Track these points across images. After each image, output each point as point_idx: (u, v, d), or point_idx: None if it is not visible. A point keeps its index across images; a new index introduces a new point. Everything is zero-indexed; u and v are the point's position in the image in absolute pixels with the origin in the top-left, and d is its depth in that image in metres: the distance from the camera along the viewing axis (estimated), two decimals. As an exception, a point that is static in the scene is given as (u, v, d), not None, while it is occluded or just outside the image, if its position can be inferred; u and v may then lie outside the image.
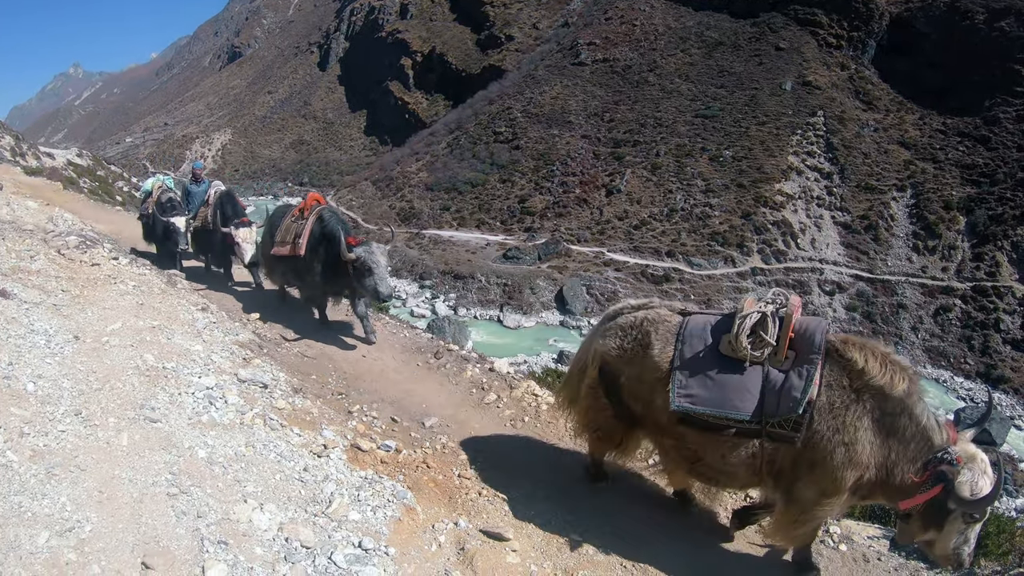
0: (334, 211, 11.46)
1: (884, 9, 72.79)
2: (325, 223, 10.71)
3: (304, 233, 10.70)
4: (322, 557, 4.23)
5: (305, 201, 11.49)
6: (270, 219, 12.23)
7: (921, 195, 56.60)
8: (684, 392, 5.23)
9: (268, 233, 11.96)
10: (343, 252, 9.86)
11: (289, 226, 11.16)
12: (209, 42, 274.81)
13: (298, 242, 10.72)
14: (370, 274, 9.88)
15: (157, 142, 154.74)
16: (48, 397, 4.89)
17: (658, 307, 5.95)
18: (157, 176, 16.65)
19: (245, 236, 13.09)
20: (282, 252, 11.09)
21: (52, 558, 3.42)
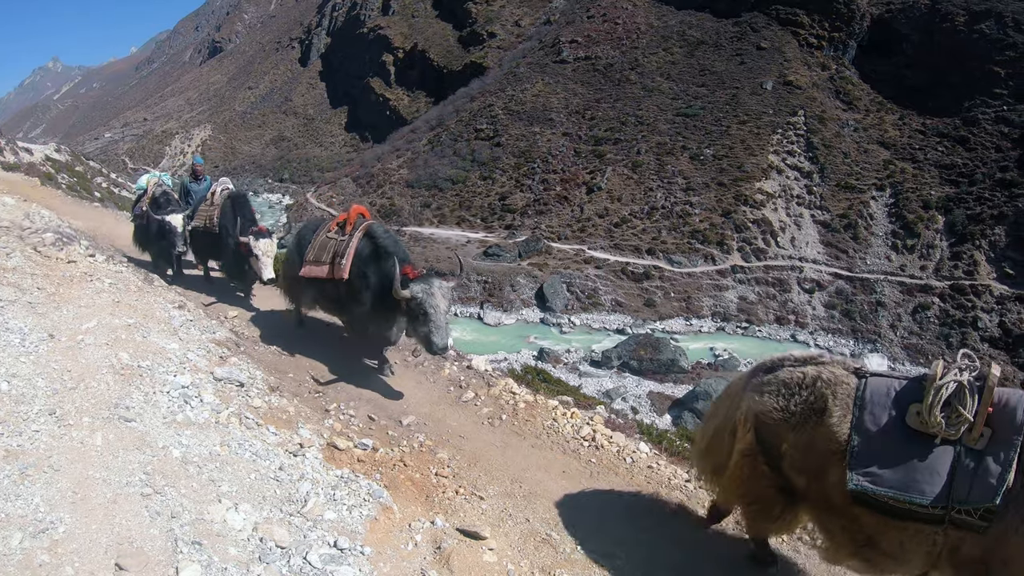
0: (387, 229, 9.75)
1: (865, 10, 73.12)
2: (378, 242, 9.09)
3: (348, 252, 9.05)
4: (297, 557, 4.22)
5: (347, 214, 9.79)
6: (298, 234, 10.69)
7: (900, 194, 56.95)
8: (864, 470, 4.58)
9: (295, 249, 10.33)
10: (396, 287, 8.06)
11: (325, 242, 9.56)
12: (190, 36, 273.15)
13: (339, 263, 9.09)
14: (425, 320, 8.10)
15: (136, 137, 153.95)
16: (22, 396, 4.87)
17: (829, 363, 5.16)
18: (153, 172, 15.50)
19: (266, 249, 11.51)
20: (316, 274, 9.46)
21: (26, 560, 3.41)
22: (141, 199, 14.46)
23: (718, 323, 52.74)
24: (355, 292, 9.06)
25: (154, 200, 13.68)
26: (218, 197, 13.16)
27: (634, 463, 7.48)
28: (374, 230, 9.40)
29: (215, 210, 12.93)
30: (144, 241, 14.39)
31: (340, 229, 9.66)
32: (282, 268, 11.41)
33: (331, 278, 9.32)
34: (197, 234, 13.38)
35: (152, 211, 13.45)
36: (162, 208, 13.37)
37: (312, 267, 9.59)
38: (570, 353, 47.80)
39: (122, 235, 17.16)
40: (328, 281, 9.41)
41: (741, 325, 52.40)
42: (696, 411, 37.80)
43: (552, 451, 7.58)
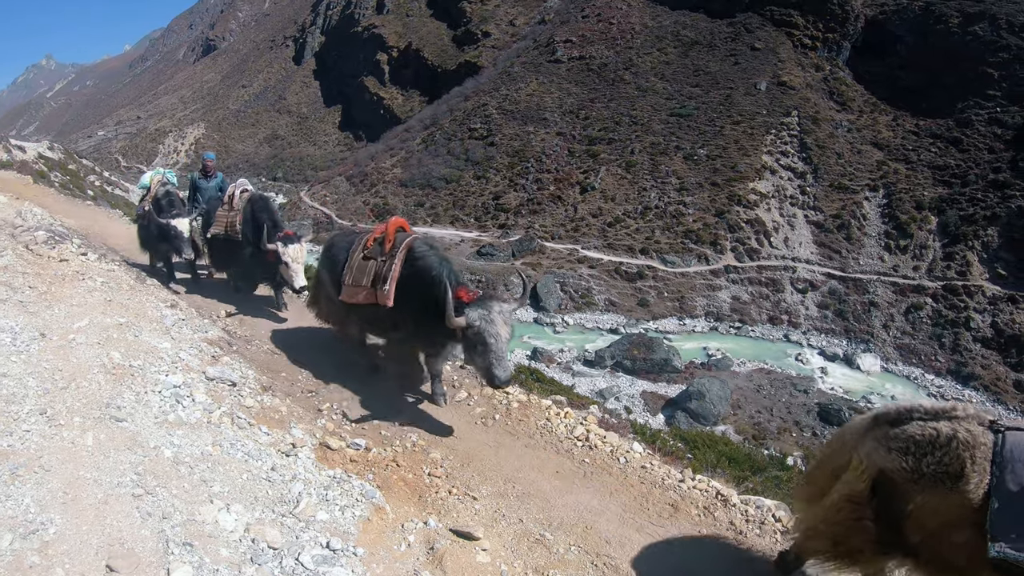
0: (432, 245, 8.43)
1: (859, 11, 73.23)
2: (424, 263, 7.95)
3: (391, 276, 7.94)
4: (289, 558, 4.21)
5: (385, 227, 8.69)
6: (329, 250, 9.46)
7: (893, 195, 57.00)
8: (1008, 536, 4.10)
9: (326, 268, 9.31)
10: (449, 315, 6.93)
11: (361, 263, 8.49)
12: (183, 34, 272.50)
13: (382, 289, 8.01)
14: (484, 350, 7.00)
15: (130, 136, 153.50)
16: (13, 396, 4.84)
17: (964, 418, 4.55)
18: (157, 169, 14.56)
19: (296, 255, 10.79)
20: (358, 299, 8.41)
21: (16, 561, 3.39)
22: (145, 198, 13.61)
23: (711, 323, 52.75)
24: (402, 320, 8.08)
25: (156, 201, 12.92)
26: (238, 201, 12.05)
27: (628, 463, 7.47)
28: (418, 249, 8.17)
29: (236, 215, 11.85)
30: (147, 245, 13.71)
31: (379, 247, 8.52)
32: (312, 289, 10.46)
33: (373, 303, 8.24)
34: (217, 242, 12.35)
35: (154, 213, 12.52)
36: (165, 210, 12.56)
37: (353, 291, 8.52)
38: (563, 353, 47.76)
39: (115, 233, 17.13)
40: (371, 306, 8.33)
41: (734, 325, 52.41)
42: (689, 411, 37.90)
43: (545, 451, 7.57)
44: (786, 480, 8.32)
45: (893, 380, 45.66)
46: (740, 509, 6.63)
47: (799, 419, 39.15)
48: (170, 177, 13.93)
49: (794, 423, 38.85)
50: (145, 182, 13.94)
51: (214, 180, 14.32)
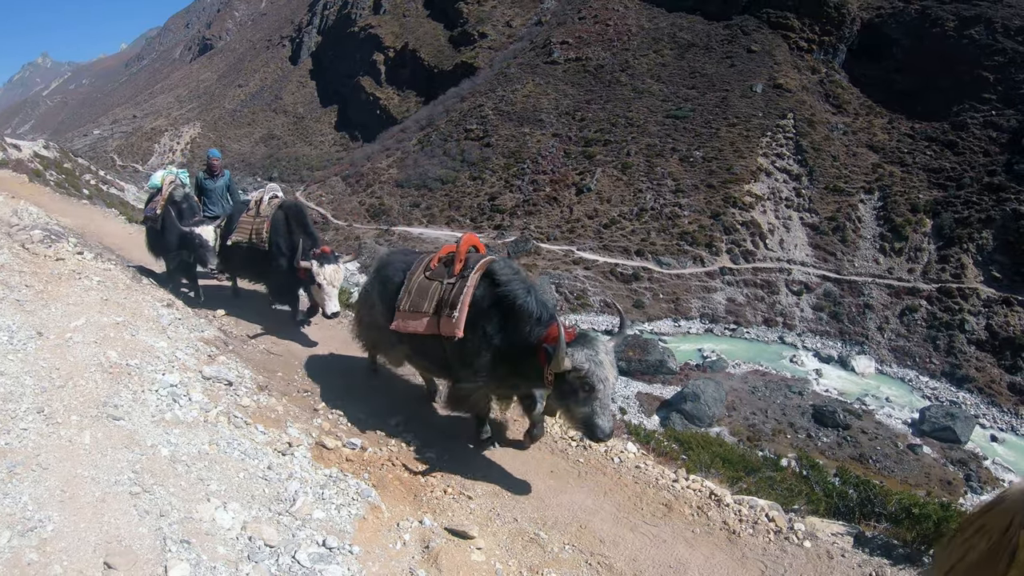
0: (515, 268, 7.00)
1: (855, 14, 73.41)
2: (507, 291, 6.49)
3: (462, 302, 6.60)
4: (286, 556, 4.23)
5: (456, 247, 7.32)
6: (380, 270, 8.08)
7: (888, 198, 57.13)
8: None
9: (378, 291, 7.87)
10: (560, 357, 5.65)
11: (425, 285, 7.13)
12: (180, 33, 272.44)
13: (450, 316, 6.64)
14: (588, 397, 5.79)
15: (125, 134, 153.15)
16: (10, 395, 4.85)
17: None
18: (169, 168, 13.51)
19: (331, 277, 9.67)
20: (415, 328, 7.05)
21: (13, 558, 3.40)
22: (155, 199, 12.78)
23: (706, 324, 52.80)
24: (472, 356, 6.66)
25: (174, 204, 12.01)
26: (266, 207, 11.11)
27: (622, 463, 7.48)
28: (498, 271, 6.73)
29: (263, 223, 10.87)
30: (161, 250, 12.77)
31: (445, 267, 7.21)
32: (357, 311, 9.15)
33: (436, 334, 6.92)
34: (238, 250, 11.28)
35: (176, 219, 11.51)
36: (186, 216, 11.73)
37: (408, 319, 7.15)
38: (558, 353, 47.70)
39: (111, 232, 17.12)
40: (430, 338, 7.01)
41: (729, 327, 52.47)
42: (684, 412, 37.94)
43: (540, 451, 7.58)
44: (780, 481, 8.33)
45: (888, 382, 45.77)
46: (734, 509, 6.65)
47: (794, 421, 39.19)
48: (183, 177, 13.10)
49: (789, 425, 38.90)
50: (156, 182, 13.00)
51: (221, 179, 13.63)
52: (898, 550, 6.21)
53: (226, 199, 13.58)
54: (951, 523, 6.13)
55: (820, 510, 7.25)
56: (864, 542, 6.37)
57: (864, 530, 6.60)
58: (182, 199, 12.18)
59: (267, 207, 11.16)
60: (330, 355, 9.83)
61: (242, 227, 11.21)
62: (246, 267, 11.74)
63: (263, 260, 10.97)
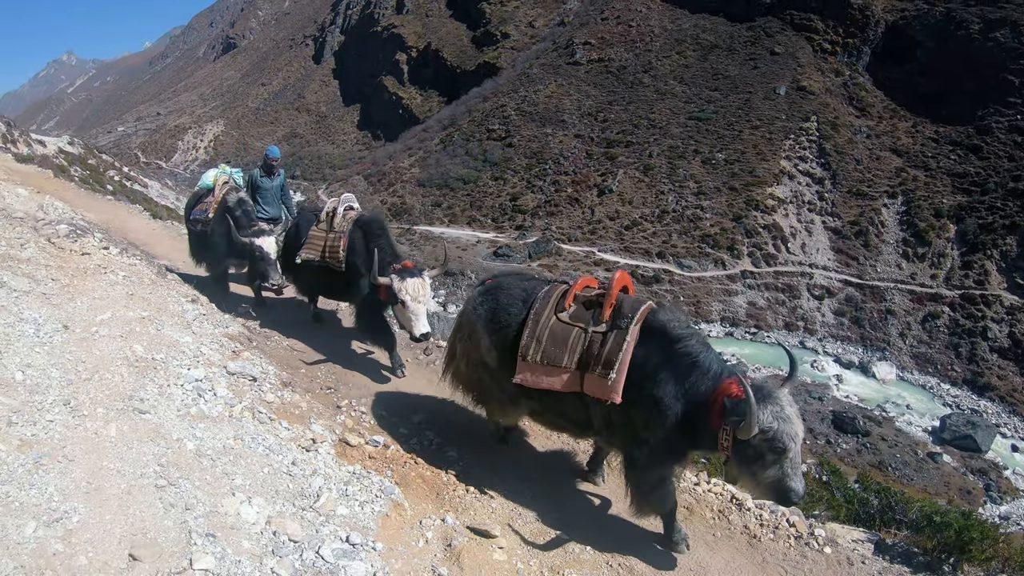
0: (685, 318, 5.93)
1: (880, 16, 72.87)
2: (681, 350, 5.48)
3: (621, 361, 5.48)
4: (309, 551, 4.25)
5: (605, 287, 6.14)
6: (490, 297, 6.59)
7: (912, 202, 56.71)
8: None
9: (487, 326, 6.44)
10: (751, 422, 4.83)
11: (563, 331, 5.88)
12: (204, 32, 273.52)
13: (603, 375, 5.51)
14: (777, 458, 5.03)
15: (149, 132, 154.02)
16: (37, 386, 4.87)
17: None
18: (221, 167, 12.38)
19: (416, 293, 8.42)
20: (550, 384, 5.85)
21: (39, 548, 3.41)
22: (203, 200, 11.81)
23: (727, 328, 52.57)
24: (633, 420, 5.66)
25: (229, 208, 10.93)
26: (340, 221, 9.96)
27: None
28: (668, 324, 5.66)
29: (339, 239, 9.79)
30: (208, 258, 11.92)
31: (586, 309, 6.03)
32: (457, 346, 7.26)
33: (576, 392, 5.80)
34: (310, 269, 10.25)
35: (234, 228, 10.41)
36: (244, 225, 10.61)
37: (539, 374, 5.91)
38: (578, 355, 47.70)
39: (135, 228, 17.20)
40: (571, 396, 5.88)
41: (750, 330, 52.24)
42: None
43: (561, 450, 7.60)
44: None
45: (908, 389, 45.46)
46: (755, 513, 6.65)
47: (813, 426, 38.96)
48: (236, 178, 12.20)
49: (808, 430, 38.64)
50: (207, 182, 11.94)
51: (277, 178, 12.72)
52: (918, 558, 6.20)
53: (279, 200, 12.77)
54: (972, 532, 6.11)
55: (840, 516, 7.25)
56: (884, 549, 6.37)
57: (885, 537, 6.60)
58: (238, 204, 11.09)
59: (342, 221, 9.99)
60: (353, 352, 9.84)
61: (313, 243, 10.09)
62: (320, 287, 10.82)
63: (340, 281, 10.00)
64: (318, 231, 10.10)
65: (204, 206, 11.67)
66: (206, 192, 11.88)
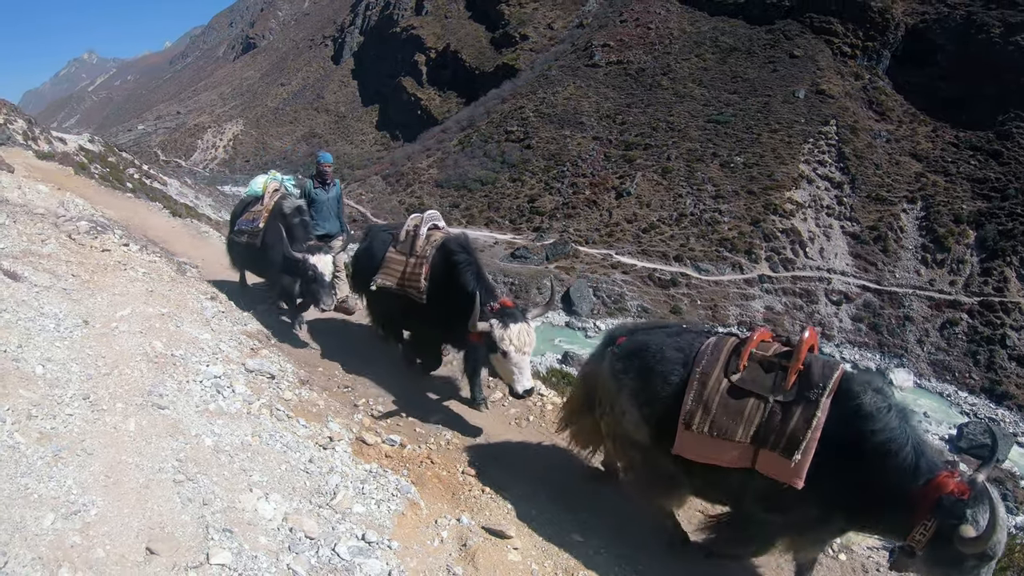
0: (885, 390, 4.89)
1: (900, 20, 72.43)
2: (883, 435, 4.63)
3: (808, 440, 4.65)
4: (326, 548, 4.26)
5: (792, 347, 5.13)
6: (638, 354, 5.68)
7: (931, 208, 56.36)
8: None
9: (633, 383, 5.59)
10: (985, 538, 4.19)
11: (730, 396, 5.02)
12: (224, 32, 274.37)
13: (787, 455, 4.70)
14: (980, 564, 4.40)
15: (169, 130, 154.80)
16: (56, 380, 4.91)
17: None
18: (272, 174, 11.29)
19: (522, 342, 6.80)
20: (715, 459, 5.05)
21: (57, 540, 3.44)
22: (251, 208, 10.82)
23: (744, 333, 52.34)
24: (807, 505, 4.85)
25: (283, 219, 9.86)
26: (423, 244, 8.51)
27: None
28: (864, 400, 4.74)
29: (420, 266, 8.32)
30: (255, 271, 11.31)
31: (765, 372, 5.10)
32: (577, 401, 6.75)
33: (746, 468, 4.99)
34: (386, 298, 8.84)
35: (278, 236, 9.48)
36: (298, 239, 9.59)
37: (707, 447, 5.07)
38: (594, 357, 47.59)
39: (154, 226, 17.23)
40: (740, 472, 5.05)
41: (767, 335, 51.98)
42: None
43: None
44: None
45: (926, 396, 45.18)
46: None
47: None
48: (288, 185, 11.01)
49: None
50: (256, 188, 10.90)
51: (332, 189, 11.29)
52: (936, 566, 6.14)
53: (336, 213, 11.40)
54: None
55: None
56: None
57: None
58: (293, 214, 9.97)
59: (424, 243, 8.50)
60: (370, 351, 9.83)
61: (389, 268, 8.69)
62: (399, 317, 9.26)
63: (420, 314, 8.50)
64: (396, 254, 8.71)
65: (252, 215, 10.61)
66: (254, 200, 10.84)
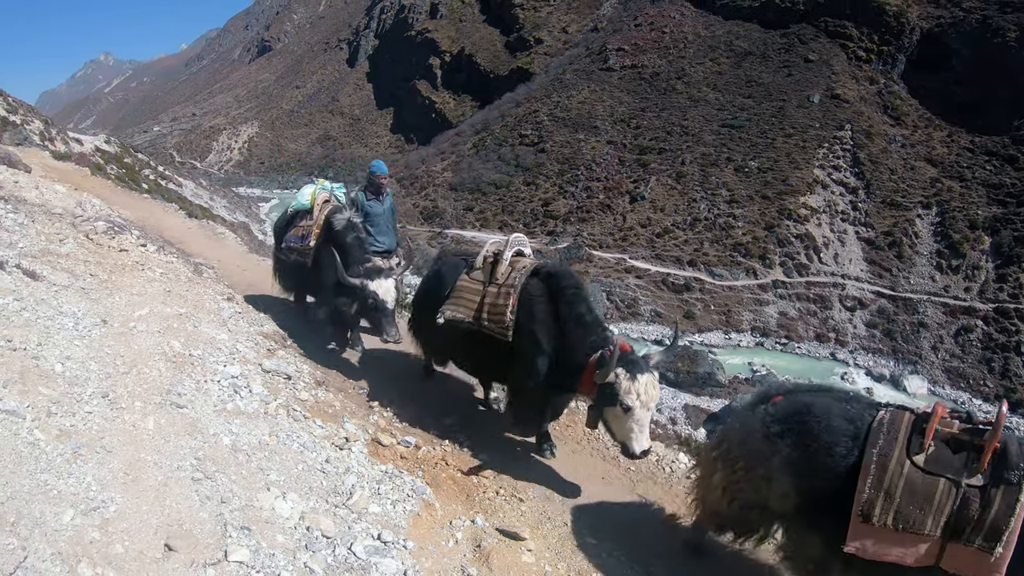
0: None
1: (915, 24, 72.16)
2: None
3: (1011, 530, 4.04)
4: (342, 547, 4.29)
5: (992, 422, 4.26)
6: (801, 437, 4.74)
7: (946, 213, 56.09)
8: None
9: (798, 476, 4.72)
10: None
11: (920, 483, 4.25)
12: (239, 35, 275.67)
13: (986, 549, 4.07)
14: None
15: (185, 132, 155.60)
16: (75, 378, 4.93)
17: None
18: (321, 183, 9.98)
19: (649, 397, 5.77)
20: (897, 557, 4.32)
21: (76, 536, 3.45)
22: (299, 222, 9.58)
23: (757, 338, 52.27)
24: None
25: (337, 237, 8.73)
26: (506, 271, 7.08)
27: (673, 472, 7.51)
28: None
29: (505, 296, 6.86)
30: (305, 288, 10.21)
31: (952, 451, 4.34)
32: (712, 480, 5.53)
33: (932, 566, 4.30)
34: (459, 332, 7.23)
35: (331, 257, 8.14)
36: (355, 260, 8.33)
37: (888, 541, 4.33)
38: (608, 362, 47.52)
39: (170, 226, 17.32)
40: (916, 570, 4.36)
41: (780, 341, 51.88)
42: (732, 425, 37.53)
43: (592, 457, 7.62)
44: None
45: (940, 403, 44.85)
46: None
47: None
48: (339, 195, 9.91)
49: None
50: (303, 201, 9.63)
51: (386, 200, 10.31)
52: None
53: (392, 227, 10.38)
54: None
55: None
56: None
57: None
58: (348, 229, 8.78)
59: (508, 271, 7.09)
60: (385, 353, 9.83)
61: (463, 297, 7.24)
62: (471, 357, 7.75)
63: (500, 351, 6.96)
64: (471, 281, 7.28)
65: (301, 231, 9.40)
66: (303, 213, 9.59)
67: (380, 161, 10.81)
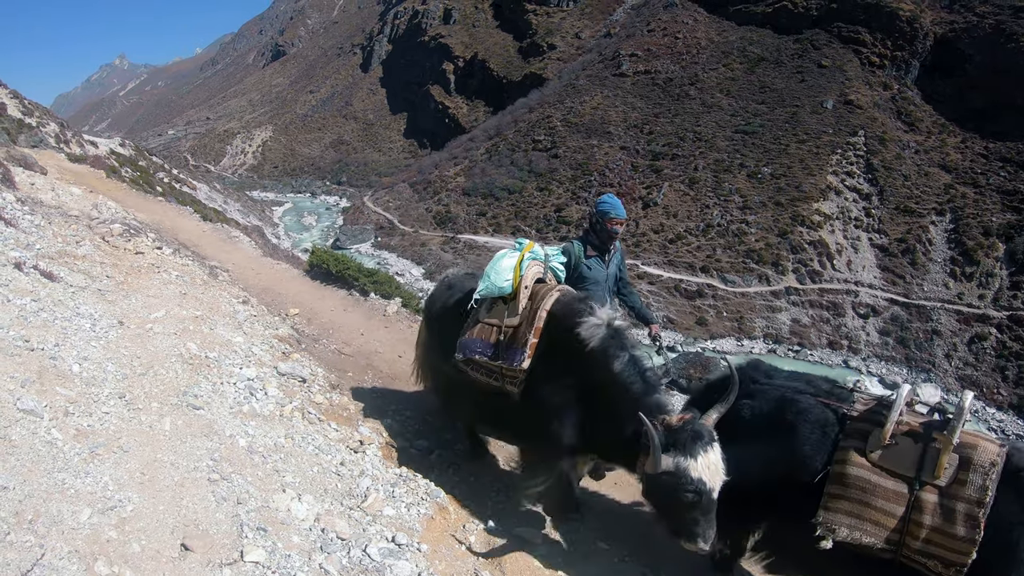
0: None
1: (929, 29, 71.83)
2: None
3: None
4: (356, 549, 4.30)
5: None
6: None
7: (960, 220, 55.74)
8: None
9: None
10: None
11: None
12: (253, 40, 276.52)
13: None
14: None
15: (199, 135, 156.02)
16: (93, 379, 4.97)
17: None
18: (529, 246, 6.01)
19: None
20: None
21: (93, 534, 3.47)
22: (491, 315, 5.75)
23: (769, 345, 52.00)
24: None
25: (587, 360, 5.18)
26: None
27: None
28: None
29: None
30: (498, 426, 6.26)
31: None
32: None
33: None
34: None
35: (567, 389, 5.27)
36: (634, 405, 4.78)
37: None
38: (619, 368, 47.42)
39: (184, 229, 17.34)
40: None
41: (793, 348, 51.60)
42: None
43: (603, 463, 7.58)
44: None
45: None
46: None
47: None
48: (557, 265, 6.34)
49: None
50: (499, 283, 5.67)
51: (615, 257, 7.02)
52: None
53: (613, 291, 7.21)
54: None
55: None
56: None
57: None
58: (614, 348, 5.21)
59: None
60: (398, 358, 9.85)
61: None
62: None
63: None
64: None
65: (495, 333, 5.63)
66: (496, 299, 5.79)
67: (613, 196, 7.05)
